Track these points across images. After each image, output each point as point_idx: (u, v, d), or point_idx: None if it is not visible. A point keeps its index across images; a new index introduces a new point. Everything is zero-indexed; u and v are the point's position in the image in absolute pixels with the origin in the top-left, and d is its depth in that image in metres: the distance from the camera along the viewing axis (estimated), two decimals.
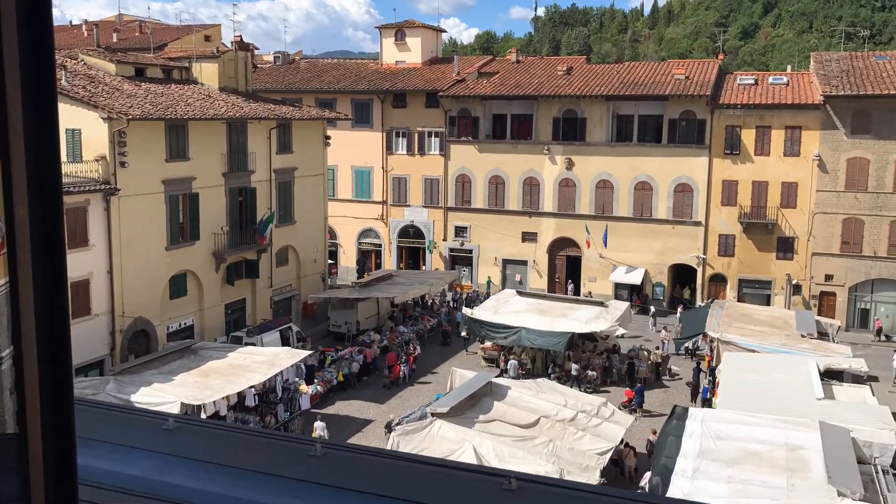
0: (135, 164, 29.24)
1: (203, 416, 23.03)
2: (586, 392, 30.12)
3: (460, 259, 48.95)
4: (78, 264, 27.23)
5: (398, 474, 1.86)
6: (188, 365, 26.28)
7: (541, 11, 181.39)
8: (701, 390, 29.55)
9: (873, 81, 40.34)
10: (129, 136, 28.84)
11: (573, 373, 31.69)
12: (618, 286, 44.37)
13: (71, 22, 68.70)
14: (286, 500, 1.72)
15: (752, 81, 44.36)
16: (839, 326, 35.69)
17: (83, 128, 28.58)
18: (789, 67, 55.59)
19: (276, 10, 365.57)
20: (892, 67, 42.26)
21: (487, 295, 42.07)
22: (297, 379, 29.12)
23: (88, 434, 1.85)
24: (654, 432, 25.48)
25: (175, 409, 22.61)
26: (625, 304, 36.23)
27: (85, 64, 33.90)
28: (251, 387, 25.84)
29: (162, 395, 23.42)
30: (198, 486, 1.74)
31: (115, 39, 52.79)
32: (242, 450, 1.94)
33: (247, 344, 30.46)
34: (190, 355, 27.22)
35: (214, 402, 23.76)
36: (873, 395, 24.32)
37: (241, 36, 40.86)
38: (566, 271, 46.70)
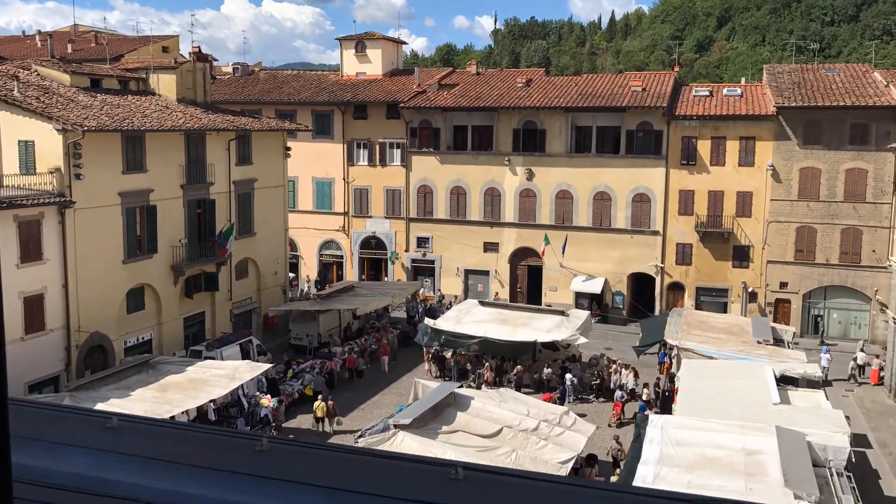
0: (90, 176, 28.74)
1: None
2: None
3: (422, 270, 48.94)
4: (32, 278, 26.66)
5: (345, 467, 1.86)
6: (146, 380, 25.84)
7: (500, 24, 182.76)
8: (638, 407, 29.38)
9: (823, 93, 41.38)
10: (85, 147, 28.35)
11: (568, 383, 31.87)
12: (578, 295, 44.72)
13: (24, 32, 67.46)
14: (232, 495, 1.70)
15: (708, 93, 45.19)
16: (794, 332, 36.39)
17: (37, 139, 28.05)
18: (743, 79, 56.70)
19: (218, 21, 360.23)
20: (840, 80, 43.42)
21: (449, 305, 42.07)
22: (257, 392, 28.79)
23: (28, 433, 1.82)
24: (617, 439, 25.69)
25: None
26: (585, 313, 36.51)
27: (38, 75, 33.28)
28: (211, 401, 25.50)
29: (119, 410, 22.97)
30: (140, 482, 1.71)
31: (69, 50, 51.92)
32: (188, 446, 1.91)
33: (206, 358, 30.06)
34: (148, 370, 26.77)
35: (173, 416, 23.36)
36: (827, 399, 24.84)
37: (199, 47, 40.41)
38: (527, 281, 46.97)
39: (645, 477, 17.88)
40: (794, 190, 41.08)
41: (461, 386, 27.94)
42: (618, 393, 30.63)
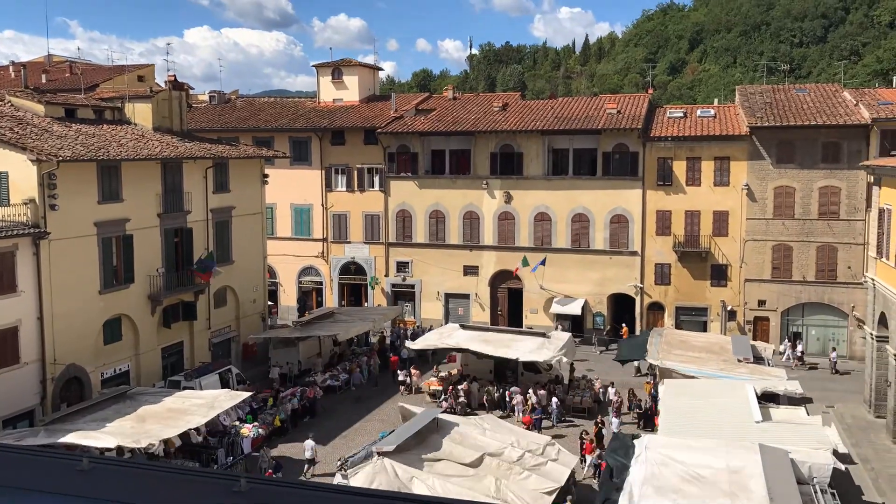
0: (65, 206, 28.44)
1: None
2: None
3: (403, 294, 48.80)
4: (5, 311, 26.25)
5: None
6: (123, 411, 25.43)
7: (475, 49, 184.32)
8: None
9: (795, 113, 41.99)
10: (60, 178, 28.07)
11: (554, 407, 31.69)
12: (558, 317, 44.76)
13: None
14: None
15: (682, 114, 45.71)
16: (774, 349, 36.65)
17: (10, 170, 27.73)
18: (716, 100, 57.52)
19: (183, 48, 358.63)
20: (811, 99, 44.10)
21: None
22: (237, 422, 28.44)
23: None
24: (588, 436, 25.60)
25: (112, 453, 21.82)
26: (566, 335, 36.52)
27: (12, 105, 33.01)
28: (195, 429, 25.20)
29: (96, 443, 22.56)
30: None
31: (44, 80, 51.61)
32: (163, 488, 1.84)
33: (185, 388, 29.67)
34: (126, 401, 26.36)
35: (152, 445, 23.01)
36: (808, 415, 24.93)
37: (174, 75, 40.31)
38: (508, 304, 46.95)
39: (630, 497, 17.80)
40: (770, 208, 41.53)
41: (441, 411, 27.73)
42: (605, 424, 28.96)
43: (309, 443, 26.96)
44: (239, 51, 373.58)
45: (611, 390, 33.33)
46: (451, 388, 33.87)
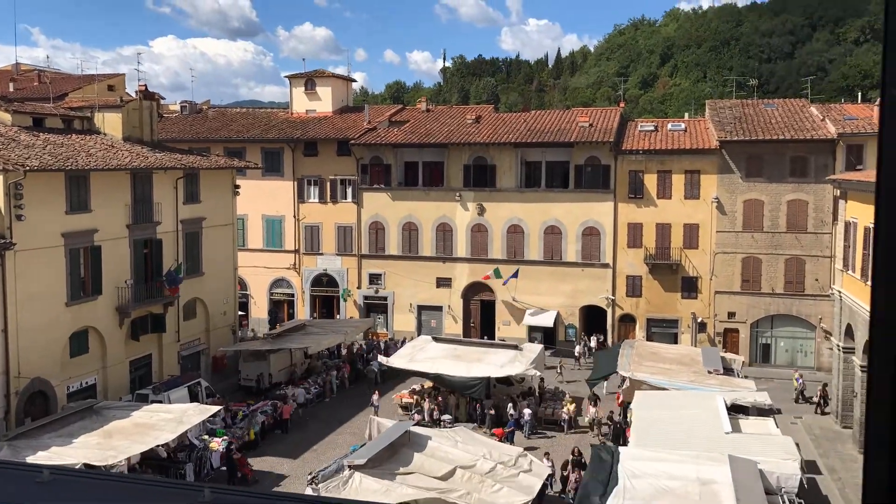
0: (32, 216, 27.99)
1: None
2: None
3: (375, 306, 48.63)
4: None
5: None
6: (90, 426, 25.00)
7: (448, 62, 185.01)
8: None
9: (763, 127, 42.64)
10: (26, 188, 27.63)
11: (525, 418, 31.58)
12: (531, 329, 44.86)
13: None
14: None
15: (653, 128, 46.20)
16: (743, 361, 37.04)
17: None
18: (686, 115, 58.18)
19: (149, 57, 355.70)
20: (779, 114, 44.83)
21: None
22: (206, 436, 28.07)
23: None
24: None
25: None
26: (538, 347, 36.59)
27: None
28: (162, 445, 24.83)
29: (61, 459, 22.14)
30: None
31: (11, 89, 50.89)
32: (126, 500, 1.80)
33: (153, 402, 29.26)
34: (92, 416, 25.91)
35: (119, 462, 22.64)
36: (777, 426, 25.21)
37: (145, 85, 40.01)
38: (480, 316, 46.99)
39: None
40: (739, 221, 42.05)
41: (413, 424, 27.63)
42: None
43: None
44: (206, 60, 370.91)
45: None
46: (424, 399, 33.75)
